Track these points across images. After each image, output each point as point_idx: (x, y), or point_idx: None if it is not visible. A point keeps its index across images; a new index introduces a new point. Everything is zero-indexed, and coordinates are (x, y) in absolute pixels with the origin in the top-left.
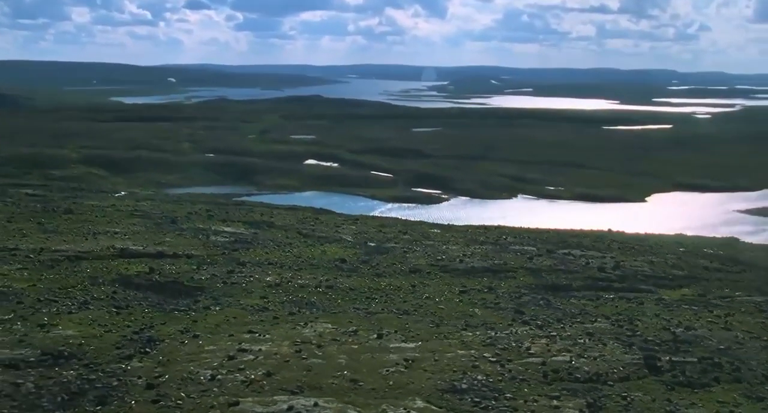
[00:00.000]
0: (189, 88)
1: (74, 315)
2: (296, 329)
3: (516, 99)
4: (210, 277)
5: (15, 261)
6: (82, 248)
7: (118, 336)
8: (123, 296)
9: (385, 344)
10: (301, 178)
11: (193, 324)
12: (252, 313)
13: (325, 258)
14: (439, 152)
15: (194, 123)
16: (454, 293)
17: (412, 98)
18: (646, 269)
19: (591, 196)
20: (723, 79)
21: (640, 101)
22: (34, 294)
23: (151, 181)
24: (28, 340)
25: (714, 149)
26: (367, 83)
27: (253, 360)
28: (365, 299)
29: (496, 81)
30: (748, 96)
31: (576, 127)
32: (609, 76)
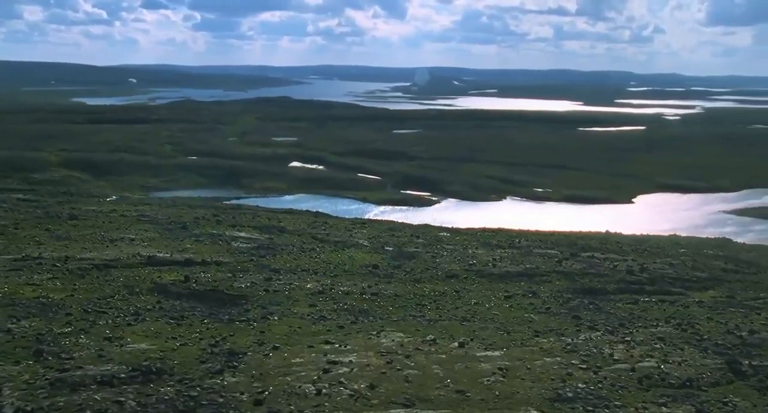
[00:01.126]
0: (150, 88)
1: (134, 326)
2: (371, 338)
3: (482, 100)
4: (250, 285)
5: (43, 270)
6: (107, 256)
7: (196, 349)
8: (170, 306)
9: (471, 353)
10: (288, 180)
11: (262, 335)
12: (313, 322)
13: (356, 264)
14: (424, 154)
15: (172, 125)
16: (500, 299)
17: (378, 100)
18: (670, 272)
19: (579, 197)
20: (678, 81)
21: (602, 102)
22: (77, 305)
23: (135, 184)
24: (107, 355)
25: (689, 151)
26: (330, 84)
27: (350, 372)
28: (415, 306)
29: (458, 82)
30: (705, 98)
31: (552, 128)
32: (569, 77)
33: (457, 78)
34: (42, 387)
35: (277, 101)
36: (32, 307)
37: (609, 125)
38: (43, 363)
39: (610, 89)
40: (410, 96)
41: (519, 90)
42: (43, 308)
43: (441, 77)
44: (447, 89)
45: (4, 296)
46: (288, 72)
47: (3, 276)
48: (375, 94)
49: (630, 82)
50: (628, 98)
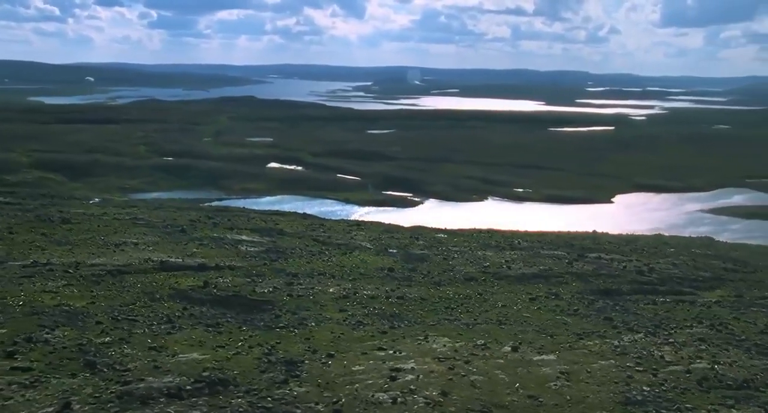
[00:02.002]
0: (108, 87)
1: (174, 335)
2: (421, 344)
3: (446, 100)
4: (272, 290)
5: (56, 277)
6: (118, 261)
7: (252, 358)
8: (199, 312)
9: (527, 357)
10: (267, 182)
11: (309, 342)
12: (352, 328)
13: (371, 267)
14: (401, 155)
15: (144, 125)
16: (525, 301)
17: (341, 99)
18: (676, 272)
19: (559, 197)
20: (633, 81)
21: (564, 102)
22: (102, 313)
23: (112, 186)
24: (162, 366)
25: (660, 151)
26: (291, 83)
27: (417, 380)
28: (445, 310)
29: (419, 82)
30: (662, 98)
31: (524, 128)
32: (526, 77)
33: (418, 78)
34: (110, 401)
35: (243, 101)
36: (57, 316)
37: (578, 125)
38: (100, 375)
39: (569, 89)
40: (373, 95)
41: (480, 90)
42: (70, 317)
43: (402, 77)
44: (408, 89)
45: (24, 305)
46: (247, 71)
47: (16, 283)
48: (338, 94)
49: (587, 82)
50: (588, 98)
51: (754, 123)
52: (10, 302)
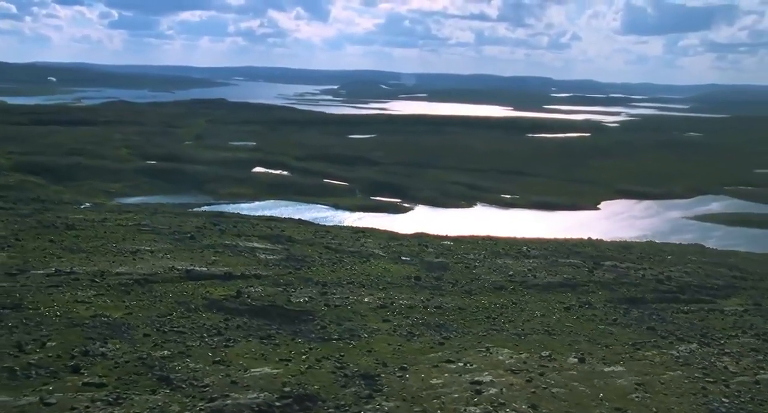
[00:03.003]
0: (71, 88)
1: (232, 348)
2: (486, 356)
3: (416, 105)
4: (308, 300)
5: (83, 287)
6: (142, 270)
7: (325, 372)
8: (242, 323)
9: (597, 368)
10: (254, 186)
11: (370, 354)
12: (407, 339)
13: (396, 276)
14: (385, 160)
15: (122, 127)
16: (561, 311)
17: (310, 102)
18: (690, 280)
19: (546, 204)
20: (595, 87)
21: (531, 108)
22: (144, 324)
23: (96, 190)
24: (239, 381)
25: (638, 157)
26: (257, 86)
27: (501, 393)
28: (486, 319)
29: (385, 86)
30: (626, 104)
31: (502, 134)
32: (490, 81)
33: (384, 82)
34: None
35: (215, 103)
36: (99, 327)
37: (555, 131)
38: (181, 391)
39: (534, 95)
40: (342, 99)
41: (448, 94)
42: (113, 329)
43: (367, 80)
44: (376, 92)
45: (61, 315)
46: (210, 73)
47: (45, 293)
48: (306, 97)
49: (551, 88)
50: (554, 104)
51: (723, 131)
52: (46, 313)
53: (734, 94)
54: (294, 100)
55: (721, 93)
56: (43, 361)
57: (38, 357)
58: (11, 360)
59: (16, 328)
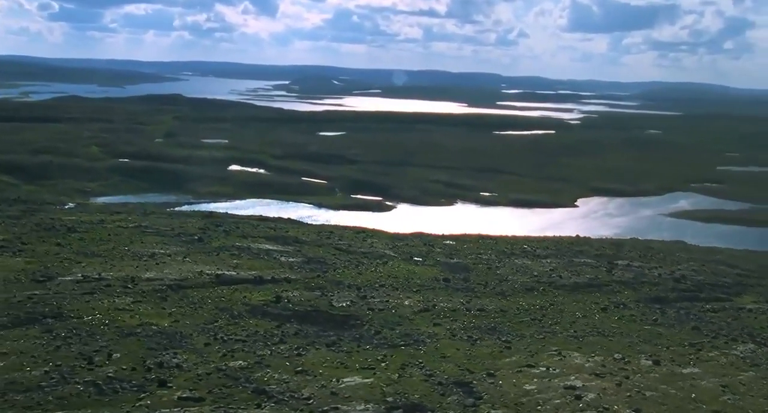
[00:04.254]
0: (14, 82)
1: (306, 357)
2: (563, 359)
3: (371, 101)
4: (349, 304)
5: (118, 293)
6: (170, 275)
7: (418, 380)
8: (297, 330)
9: (675, 370)
10: (234, 185)
11: (446, 360)
12: (471, 343)
13: (423, 277)
14: (361, 158)
15: (89, 125)
16: (598, 311)
17: (266, 98)
18: (701, 278)
19: (525, 201)
20: (544, 84)
21: (485, 104)
22: (198, 333)
23: (72, 189)
24: (338, 392)
25: (607, 155)
26: (209, 81)
27: (599, 398)
28: (531, 321)
29: (337, 81)
30: (576, 101)
31: (471, 131)
32: (440, 78)
33: (335, 77)
34: None
35: (167, 99)
36: (154, 337)
37: (521, 128)
38: (286, 404)
39: (486, 91)
40: (296, 95)
41: (402, 91)
42: (170, 338)
43: (316, 76)
44: (329, 88)
45: (109, 324)
46: (159, 67)
47: (82, 301)
48: (260, 93)
49: (501, 84)
50: (507, 100)
51: (679, 129)
52: (93, 322)
53: (676, 92)
54: (248, 96)
55: (664, 90)
56: (120, 374)
57: (113, 369)
58: (87, 372)
59: (70, 338)
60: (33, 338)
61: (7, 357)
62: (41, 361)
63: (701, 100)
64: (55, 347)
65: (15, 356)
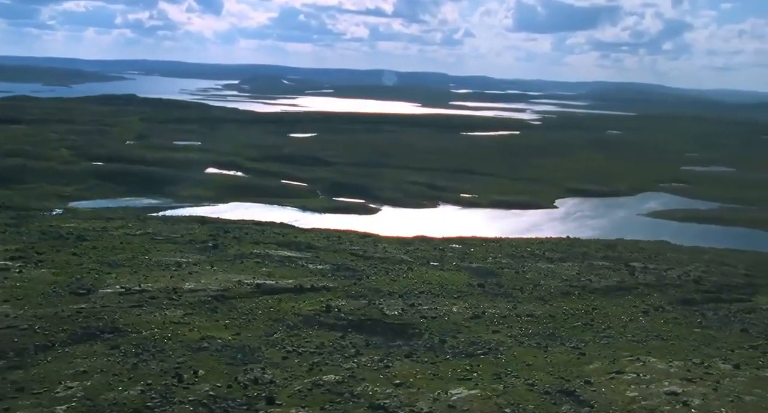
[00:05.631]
0: None
1: (393, 369)
2: (646, 364)
3: (323, 100)
4: (400, 312)
5: (166, 306)
6: (211, 286)
7: (524, 391)
8: (364, 341)
9: (759, 373)
10: (215, 188)
11: (535, 368)
12: (543, 350)
13: (456, 283)
14: (337, 160)
15: (54, 126)
16: (642, 314)
17: (219, 98)
18: (717, 279)
19: (506, 203)
20: (490, 83)
21: (438, 104)
22: (265, 346)
23: (48, 193)
24: (455, 405)
25: (575, 156)
26: (156, 81)
27: (705, 403)
28: (584, 326)
29: (287, 81)
30: (526, 101)
31: (439, 132)
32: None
33: (284, 77)
34: None
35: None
36: (224, 351)
37: (487, 129)
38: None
39: (437, 91)
40: (248, 95)
41: (353, 90)
42: (242, 352)
43: (269, 76)
44: (279, 88)
45: (172, 338)
46: (102, 66)
47: (133, 314)
48: (211, 93)
49: (449, 84)
50: (457, 100)
51: (638, 129)
52: (154, 337)
53: (620, 92)
54: (200, 96)
55: (608, 90)
56: (219, 391)
57: (208, 386)
58: (184, 391)
59: (141, 354)
60: (103, 355)
61: (89, 375)
62: (127, 379)
63: (646, 100)
64: (132, 364)
65: (97, 374)
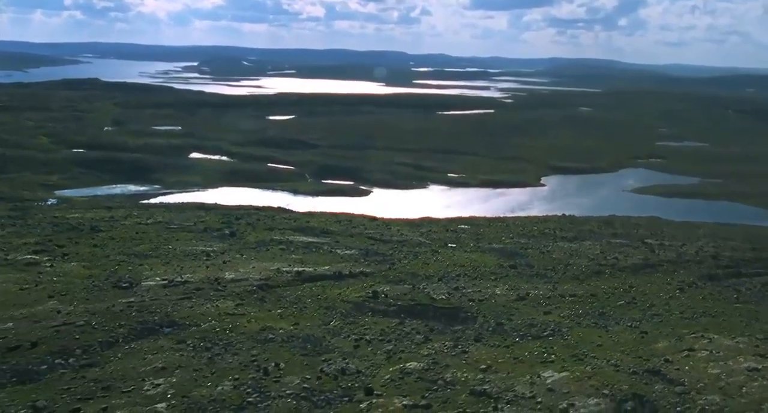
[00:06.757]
0: None
1: (472, 353)
2: (713, 341)
3: (288, 81)
4: (447, 296)
5: (215, 297)
6: (252, 275)
7: (612, 372)
8: (427, 326)
9: None
10: (203, 173)
11: (606, 349)
12: (605, 330)
13: (487, 265)
14: (320, 142)
15: (28, 114)
16: (678, 291)
17: (179, 81)
18: (729, 254)
19: (493, 182)
20: (449, 61)
21: (402, 83)
22: (330, 335)
23: (33, 183)
24: (553, 387)
25: (553, 134)
26: (113, 64)
27: None
28: (628, 305)
29: (247, 62)
30: (488, 79)
31: (416, 112)
32: (347, 57)
33: (243, 58)
34: None
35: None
36: (291, 341)
37: (460, 108)
38: (516, 403)
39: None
40: (210, 77)
41: (317, 71)
42: (310, 342)
43: (228, 57)
44: (239, 70)
45: (233, 331)
46: (54, 49)
47: (185, 307)
48: (172, 75)
49: (409, 63)
50: (420, 79)
51: (608, 106)
52: (216, 329)
53: (578, 68)
54: (162, 79)
55: (566, 67)
56: (311, 384)
57: (297, 379)
58: (275, 384)
59: (211, 348)
60: (172, 350)
61: (169, 371)
62: (210, 374)
63: (603, 76)
64: (208, 359)
65: (177, 370)
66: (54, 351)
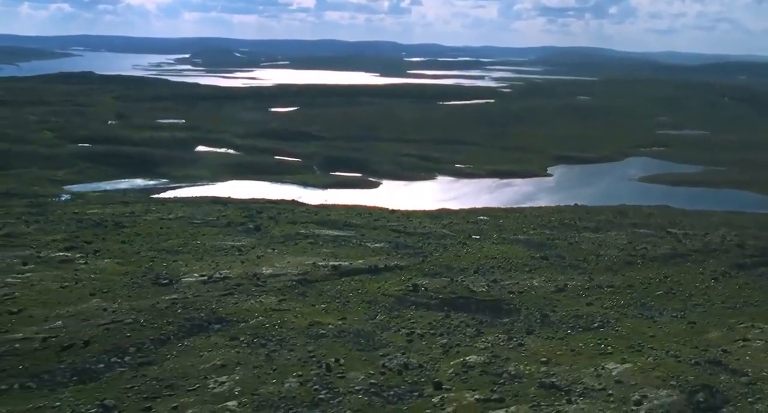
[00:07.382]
0: None
1: (528, 346)
2: (763, 331)
3: (281, 72)
4: (487, 288)
5: (256, 292)
6: (289, 270)
7: (674, 363)
8: (474, 319)
9: None
10: (210, 167)
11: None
12: (653, 321)
13: (519, 257)
14: (325, 134)
15: (30, 108)
16: (713, 280)
17: (173, 73)
18: (753, 243)
19: (501, 172)
20: (441, 51)
21: (397, 74)
22: (380, 330)
23: (40, 178)
24: (620, 378)
25: (554, 123)
26: (105, 57)
27: None
28: (666, 295)
29: (239, 54)
30: (481, 68)
31: (415, 103)
32: (338, 47)
33: (235, 49)
34: None
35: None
36: (342, 337)
37: (460, 98)
38: (588, 395)
39: (391, 60)
40: (203, 69)
41: (310, 62)
42: (360, 337)
43: (219, 49)
44: (232, 61)
45: (283, 326)
46: (44, 42)
47: (228, 303)
48: (165, 68)
49: (401, 53)
50: (414, 69)
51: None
52: (265, 325)
53: (570, 57)
54: (155, 71)
55: (558, 55)
56: (376, 379)
57: (362, 375)
58: (340, 380)
59: (265, 345)
60: (227, 347)
61: (230, 369)
62: (272, 371)
63: (595, 64)
64: (265, 355)
65: (238, 367)
66: (108, 349)
